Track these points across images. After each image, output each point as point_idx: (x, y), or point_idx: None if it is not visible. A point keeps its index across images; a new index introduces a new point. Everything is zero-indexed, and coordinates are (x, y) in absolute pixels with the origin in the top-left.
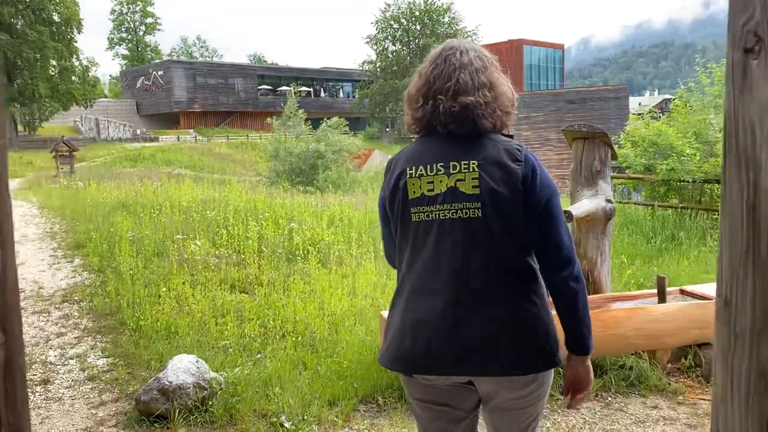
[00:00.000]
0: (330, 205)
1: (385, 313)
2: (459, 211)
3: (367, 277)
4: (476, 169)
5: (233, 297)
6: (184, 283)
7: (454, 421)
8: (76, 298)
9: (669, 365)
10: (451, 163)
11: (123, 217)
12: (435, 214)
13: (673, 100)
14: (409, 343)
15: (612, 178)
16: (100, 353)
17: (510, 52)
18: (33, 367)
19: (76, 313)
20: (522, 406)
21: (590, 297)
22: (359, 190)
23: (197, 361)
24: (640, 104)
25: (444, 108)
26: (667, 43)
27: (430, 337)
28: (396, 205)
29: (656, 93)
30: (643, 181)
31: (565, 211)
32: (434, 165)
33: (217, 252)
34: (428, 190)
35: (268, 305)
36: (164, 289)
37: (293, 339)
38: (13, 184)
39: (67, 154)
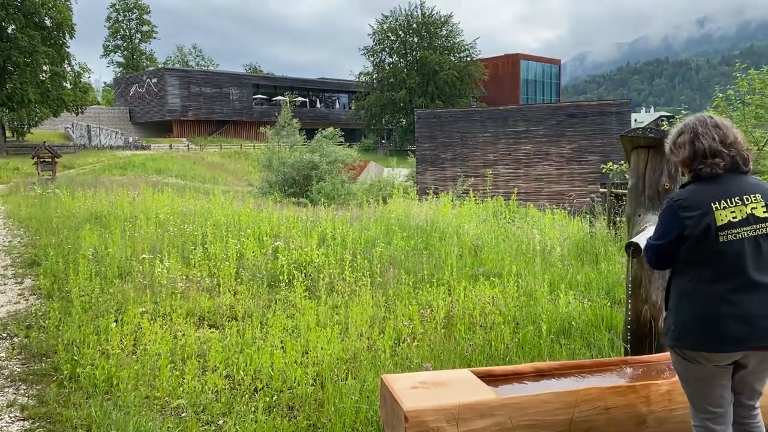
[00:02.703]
0: (322, 221)
1: (388, 378)
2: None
3: (362, 309)
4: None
5: (200, 333)
6: (142, 314)
7: None
8: (10, 331)
9: None
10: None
11: (91, 231)
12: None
13: (677, 116)
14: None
15: None
16: (18, 413)
17: (507, 66)
18: None
19: (3, 354)
20: None
21: (659, 356)
22: (354, 203)
23: None
24: (635, 120)
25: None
26: (661, 60)
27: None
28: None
29: (652, 110)
30: None
31: (630, 243)
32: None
33: (189, 274)
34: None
35: (240, 347)
36: (114, 324)
37: (266, 398)
38: None
39: (49, 160)
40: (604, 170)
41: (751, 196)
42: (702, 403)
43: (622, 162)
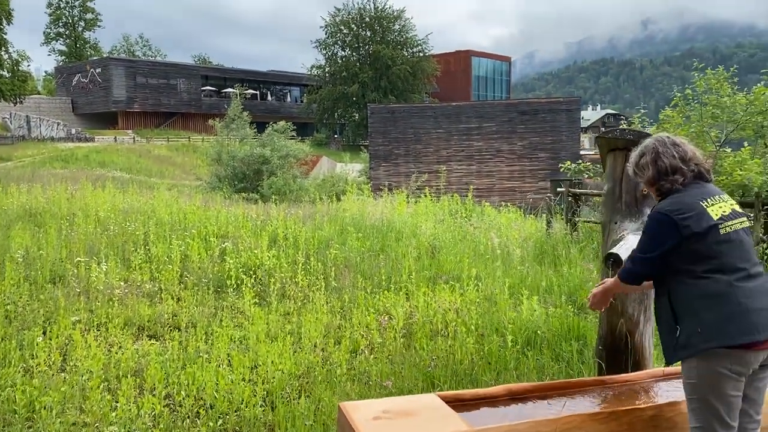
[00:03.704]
0: (273, 219)
1: (347, 406)
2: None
3: (316, 317)
4: None
5: (138, 346)
6: (75, 324)
7: None
8: None
9: None
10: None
11: (23, 230)
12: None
13: (639, 115)
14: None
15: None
16: None
17: (459, 62)
18: None
19: None
20: None
21: (637, 374)
22: (306, 199)
23: None
24: (582, 118)
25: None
26: (607, 60)
27: None
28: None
29: (599, 107)
30: None
31: (610, 255)
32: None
33: (128, 278)
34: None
35: (182, 362)
36: (41, 337)
37: (210, 423)
38: None
39: None
40: (562, 169)
41: (723, 196)
42: (715, 424)
43: (580, 161)
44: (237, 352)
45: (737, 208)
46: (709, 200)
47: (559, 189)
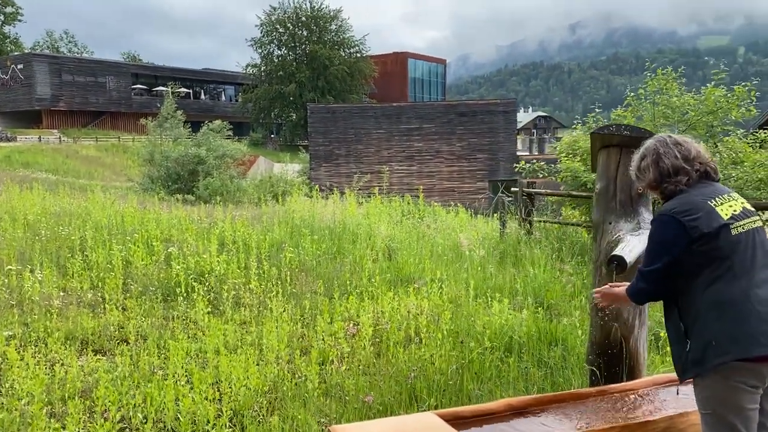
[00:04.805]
0: (218, 221)
1: (338, 430)
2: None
3: (277, 326)
4: None
5: (83, 363)
6: (9, 340)
7: None
8: None
9: None
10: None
11: None
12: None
13: (597, 120)
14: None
15: (544, 195)
16: None
17: (396, 64)
18: None
19: None
20: None
21: (638, 382)
22: (246, 200)
23: None
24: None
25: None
26: (537, 63)
27: None
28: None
29: (530, 110)
30: (588, 200)
31: (614, 257)
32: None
33: (66, 286)
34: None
35: (135, 380)
36: None
37: None
38: None
39: None
40: (516, 169)
41: (732, 194)
42: None
43: (535, 161)
44: (196, 367)
45: (748, 206)
46: (717, 199)
47: (513, 189)
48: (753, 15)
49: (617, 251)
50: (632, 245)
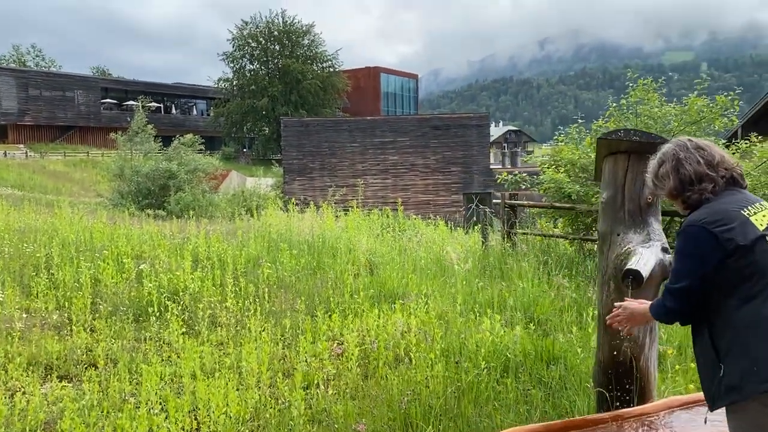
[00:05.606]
0: (192, 237)
1: None
2: None
3: (257, 346)
4: None
5: (47, 390)
6: None
7: None
8: None
9: None
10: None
11: None
12: None
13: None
14: None
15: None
16: None
17: (368, 78)
18: None
19: None
20: None
21: (653, 405)
22: (219, 215)
23: None
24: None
25: None
26: (507, 79)
27: None
28: None
29: (500, 124)
30: (572, 211)
31: (629, 271)
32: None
33: (30, 307)
34: None
35: (105, 410)
36: None
37: None
38: None
39: None
40: (498, 181)
41: (763, 203)
42: None
43: (517, 173)
44: (171, 394)
45: None
46: (750, 208)
47: (495, 201)
48: (717, 31)
49: (632, 265)
50: (646, 258)
